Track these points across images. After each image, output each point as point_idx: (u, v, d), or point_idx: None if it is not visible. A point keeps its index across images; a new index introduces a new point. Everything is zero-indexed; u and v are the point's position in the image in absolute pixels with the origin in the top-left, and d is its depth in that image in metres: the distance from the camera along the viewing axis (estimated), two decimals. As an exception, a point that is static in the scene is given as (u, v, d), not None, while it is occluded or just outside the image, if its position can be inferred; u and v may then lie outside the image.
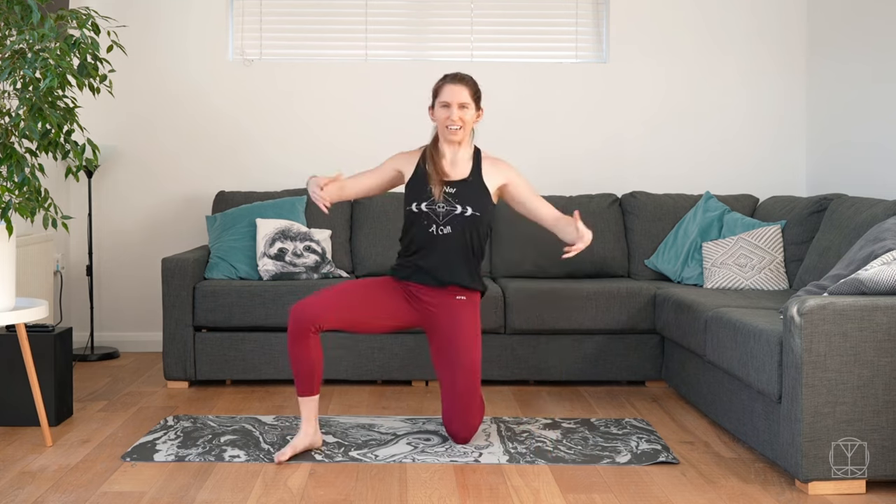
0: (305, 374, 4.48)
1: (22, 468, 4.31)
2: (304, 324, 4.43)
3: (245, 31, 7.15)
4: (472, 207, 4.70)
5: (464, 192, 4.73)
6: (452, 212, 4.68)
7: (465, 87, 4.73)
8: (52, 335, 5.02)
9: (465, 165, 4.81)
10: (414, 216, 4.74)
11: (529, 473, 4.27)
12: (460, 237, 4.70)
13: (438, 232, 4.69)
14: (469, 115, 4.74)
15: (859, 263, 4.46)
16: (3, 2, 4.53)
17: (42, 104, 4.43)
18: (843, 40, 6.53)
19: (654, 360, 5.96)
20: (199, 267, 6.04)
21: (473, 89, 4.77)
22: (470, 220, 4.70)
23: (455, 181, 4.76)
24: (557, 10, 7.15)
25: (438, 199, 4.69)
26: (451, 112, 4.70)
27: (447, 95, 4.72)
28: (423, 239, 4.72)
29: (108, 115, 6.95)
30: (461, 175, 4.78)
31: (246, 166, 7.08)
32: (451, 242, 4.70)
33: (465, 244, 4.71)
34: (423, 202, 4.71)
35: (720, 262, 6.02)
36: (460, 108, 4.71)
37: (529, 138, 7.06)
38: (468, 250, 4.73)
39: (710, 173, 7.11)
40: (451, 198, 4.71)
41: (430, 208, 4.70)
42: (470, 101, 4.73)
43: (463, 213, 4.69)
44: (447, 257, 4.70)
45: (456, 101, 4.70)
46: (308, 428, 4.50)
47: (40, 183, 4.58)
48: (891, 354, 3.93)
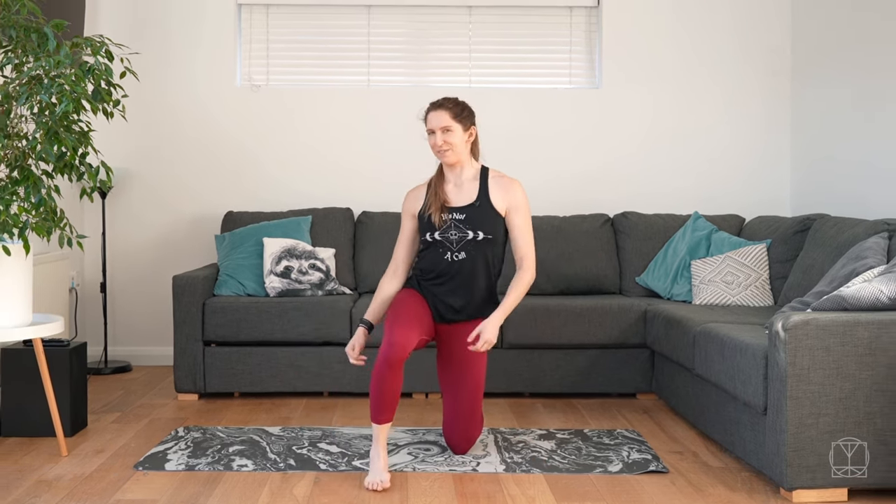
0: (389, 402, 4.31)
1: (39, 477, 4.32)
2: (400, 352, 4.26)
3: (252, 58, 7.18)
4: (483, 231, 4.61)
5: (473, 217, 4.63)
6: (465, 238, 4.60)
7: (445, 111, 4.63)
8: (67, 349, 5.03)
9: (472, 187, 4.71)
10: (429, 244, 4.66)
11: (525, 482, 4.28)
12: (475, 261, 4.61)
13: (454, 258, 4.61)
14: (455, 137, 4.63)
15: (841, 281, 4.48)
16: (20, 30, 4.55)
17: (58, 128, 4.43)
18: (825, 67, 6.55)
19: (645, 373, 5.97)
20: (209, 284, 6.05)
21: (454, 111, 4.65)
22: (483, 244, 4.62)
23: (464, 206, 4.66)
24: (552, 37, 7.18)
25: (438, 225, 4.61)
26: (435, 138, 4.62)
27: (430, 123, 4.65)
28: (439, 265, 4.64)
29: (121, 138, 6.96)
30: (469, 199, 4.68)
31: (253, 187, 7.09)
32: (468, 267, 4.62)
33: (481, 267, 4.64)
34: (437, 231, 4.62)
35: (708, 280, 6.03)
36: (443, 131, 4.61)
37: (525, 160, 7.07)
38: (486, 272, 4.66)
39: (698, 194, 7.13)
40: (462, 223, 4.61)
41: (443, 236, 4.61)
42: (452, 123, 4.62)
43: (475, 238, 4.60)
44: (464, 281, 4.62)
45: (437, 126, 4.61)
46: (384, 452, 4.33)
47: (56, 203, 4.58)
48: (871, 368, 3.94)
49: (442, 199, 4.68)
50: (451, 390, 4.69)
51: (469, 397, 4.65)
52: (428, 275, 4.68)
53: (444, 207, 4.66)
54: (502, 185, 4.72)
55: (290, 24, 7.17)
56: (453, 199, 4.70)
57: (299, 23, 7.17)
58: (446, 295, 4.64)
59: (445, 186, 4.73)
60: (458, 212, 4.64)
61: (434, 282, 4.67)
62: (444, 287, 4.64)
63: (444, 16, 7.16)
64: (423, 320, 4.56)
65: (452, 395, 4.68)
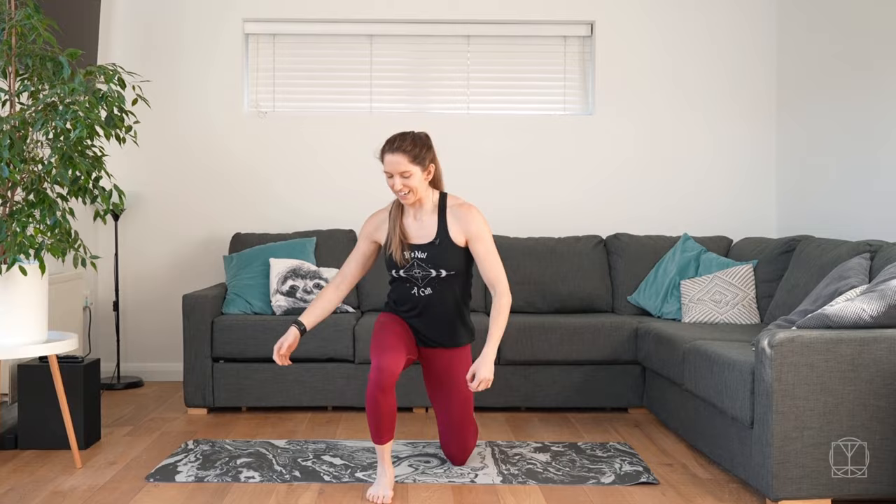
0: (386, 423, 4.25)
1: (54, 488, 4.32)
2: (389, 377, 4.19)
3: (259, 85, 7.21)
4: (446, 269, 4.49)
5: (434, 255, 4.49)
6: (428, 276, 4.50)
7: (402, 155, 4.36)
8: (81, 366, 5.03)
9: (431, 221, 4.53)
10: (396, 280, 4.59)
11: (521, 493, 4.28)
12: (443, 295, 4.53)
13: (421, 294, 4.53)
14: (414, 181, 4.39)
15: (825, 300, 4.50)
16: (36, 59, 4.57)
17: (72, 153, 4.44)
18: (808, 99, 6.58)
19: (636, 388, 5.97)
20: (217, 303, 6.06)
21: (411, 155, 4.38)
22: (446, 280, 4.52)
23: (424, 245, 4.51)
24: (547, 66, 7.21)
25: (400, 263, 4.49)
26: (394, 181, 4.39)
27: (387, 166, 4.39)
28: (409, 300, 4.57)
29: (133, 162, 6.99)
30: (429, 237, 4.51)
31: (260, 210, 7.11)
32: (435, 300, 4.54)
33: (449, 299, 4.57)
34: (402, 269, 4.52)
35: (697, 299, 6.04)
36: (402, 176, 4.38)
37: (521, 184, 7.10)
38: (454, 303, 4.59)
39: (687, 217, 7.15)
40: (424, 262, 4.49)
41: (408, 274, 4.51)
42: (410, 167, 4.37)
43: (438, 276, 4.50)
44: (435, 315, 4.56)
45: (396, 171, 4.37)
46: (390, 469, 4.30)
47: (71, 225, 4.59)
48: (854, 383, 3.95)
49: (401, 234, 4.53)
50: (442, 405, 4.69)
51: (459, 410, 4.66)
52: (401, 306, 4.63)
53: (405, 245, 4.52)
54: (459, 217, 4.53)
55: (296, 53, 7.20)
56: (414, 236, 4.54)
57: (304, 52, 7.20)
58: (420, 325, 4.59)
59: (405, 220, 4.58)
60: (419, 250, 4.51)
61: (407, 313, 4.61)
62: (418, 319, 4.58)
63: (444, 45, 7.19)
64: (408, 342, 4.50)
65: (443, 409, 4.69)
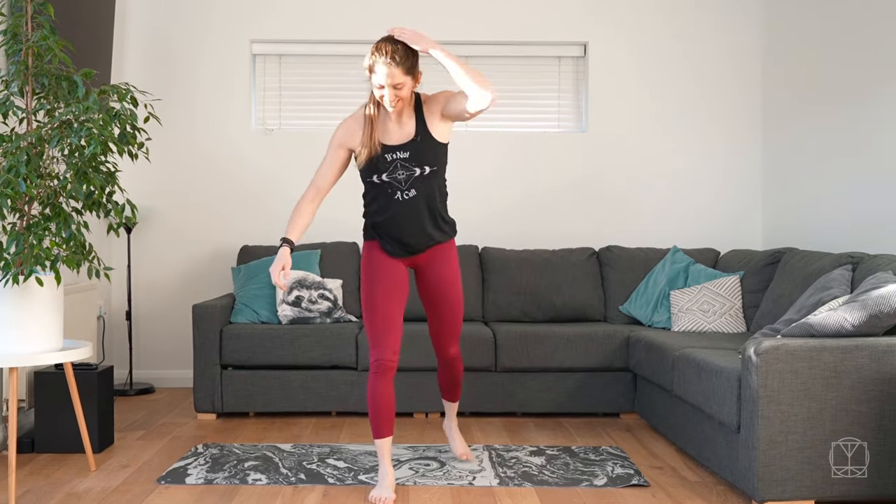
0: (385, 414, 4.23)
1: (69, 490, 4.33)
2: (388, 365, 4.22)
3: (266, 103, 7.23)
4: (429, 165, 4.23)
5: (416, 153, 4.22)
6: (412, 175, 4.22)
7: (398, 68, 4.04)
8: (95, 373, 5.04)
9: (409, 122, 4.26)
10: (376, 186, 4.28)
11: (518, 495, 4.29)
12: (425, 194, 4.26)
13: (404, 197, 4.23)
14: (406, 91, 4.12)
15: (809, 309, 4.51)
16: (52, 78, 4.59)
17: (87, 168, 4.44)
18: (792, 118, 6.60)
19: (628, 394, 5.98)
20: (226, 312, 6.07)
21: (405, 66, 4.08)
22: (430, 176, 4.25)
23: (405, 143, 4.23)
24: (542, 85, 7.23)
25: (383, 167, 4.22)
26: (384, 92, 4.09)
27: (380, 78, 4.07)
28: (391, 205, 4.26)
29: (145, 178, 7.01)
30: (409, 135, 4.24)
31: (267, 224, 7.12)
32: (419, 200, 4.26)
33: (433, 196, 4.30)
34: (384, 173, 4.24)
35: (686, 308, 6.06)
36: (395, 88, 4.08)
37: (517, 198, 7.11)
38: (434, 200, 4.32)
39: (677, 230, 7.17)
40: (407, 162, 4.21)
41: (391, 178, 4.22)
42: (405, 79, 4.09)
43: (423, 174, 4.23)
44: (417, 220, 4.29)
45: (389, 84, 4.06)
46: (391, 469, 4.29)
47: (85, 238, 4.59)
48: (836, 390, 3.96)
49: (378, 140, 4.24)
50: (435, 307, 4.54)
51: (450, 312, 4.54)
52: (379, 217, 4.33)
53: (383, 146, 4.24)
54: (429, 104, 4.31)
55: (301, 72, 7.22)
56: (393, 138, 4.27)
57: (309, 71, 7.22)
58: (401, 234, 4.31)
59: (386, 125, 4.28)
60: (400, 150, 4.23)
61: (388, 223, 4.31)
62: (398, 227, 4.30)
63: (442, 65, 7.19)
64: (399, 292, 4.36)
65: (437, 309, 4.54)
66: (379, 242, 4.41)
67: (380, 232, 4.38)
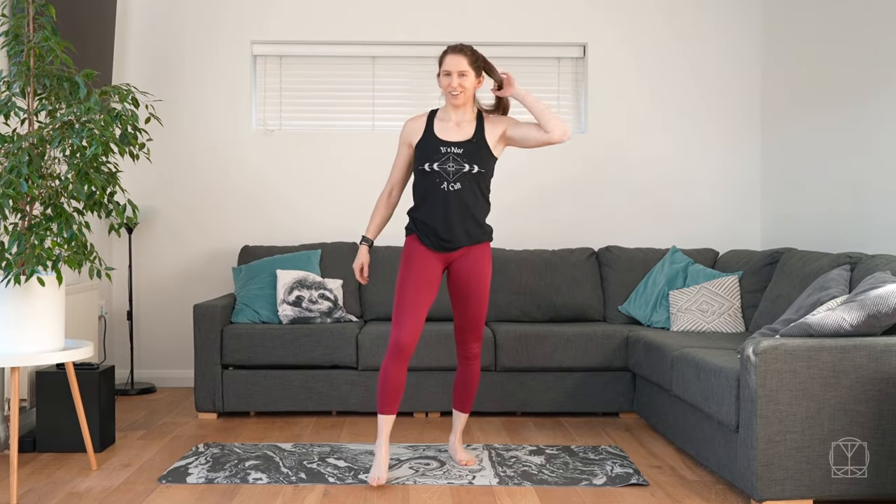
0: (392, 393, 4.51)
1: (70, 489, 4.33)
2: (406, 350, 4.49)
3: (266, 104, 7.23)
4: (479, 165, 4.60)
5: (469, 151, 4.61)
6: (461, 170, 4.58)
7: (463, 57, 4.59)
8: (96, 372, 5.05)
9: (470, 127, 4.69)
10: (426, 175, 4.64)
11: (517, 494, 4.29)
12: (469, 191, 4.60)
13: (449, 188, 4.58)
14: (468, 82, 4.61)
15: (807, 309, 4.51)
16: (54, 79, 4.59)
17: (88, 169, 4.45)
18: (791, 118, 6.61)
19: (627, 394, 5.99)
20: (227, 312, 6.07)
21: (472, 58, 4.62)
22: (476, 176, 4.61)
23: (462, 142, 4.63)
24: (541, 86, 7.22)
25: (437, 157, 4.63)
26: (451, 80, 4.60)
27: (448, 65, 4.61)
28: (436, 194, 4.62)
29: (146, 178, 7.02)
30: (466, 136, 4.66)
31: (268, 224, 7.12)
32: (462, 196, 4.59)
33: (474, 196, 4.63)
34: (435, 162, 4.61)
35: (685, 308, 6.06)
36: (459, 75, 4.58)
37: (517, 198, 7.11)
38: (477, 199, 4.65)
39: (675, 230, 7.17)
40: (460, 157, 4.60)
41: (441, 168, 4.59)
42: (468, 69, 4.60)
43: (470, 171, 4.59)
44: (457, 213, 4.61)
45: (455, 69, 4.58)
46: (386, 446, 4.55)
47: (86, 238, 4.59)
48: (835, 389, 3.96)
49: (440, 135, 4.68)
50: (461, 304, 4.74)
51: (476, 308, 4.74)
52: (422, 205, 4.68)
53: (442, 141, 4.65)
54: (493, 122, 4.75)
55: (301, 73, 7.22)
56: (453, 136, 4.68)
57: (310, 72, 7.23)
58: (438, 225, 4.63)
59: (447, 125, 4.71)
60: (455, 146, 4.63)
61: (428, 211, 4.65)
62: (437, 216, 4.63)
63: (443, 66, 7.21)
64: (429, 286, 4.64)
65: (463, 309, 4.74)
66: (417, 235, 4.71)
67: (418, 225, 4.70)
